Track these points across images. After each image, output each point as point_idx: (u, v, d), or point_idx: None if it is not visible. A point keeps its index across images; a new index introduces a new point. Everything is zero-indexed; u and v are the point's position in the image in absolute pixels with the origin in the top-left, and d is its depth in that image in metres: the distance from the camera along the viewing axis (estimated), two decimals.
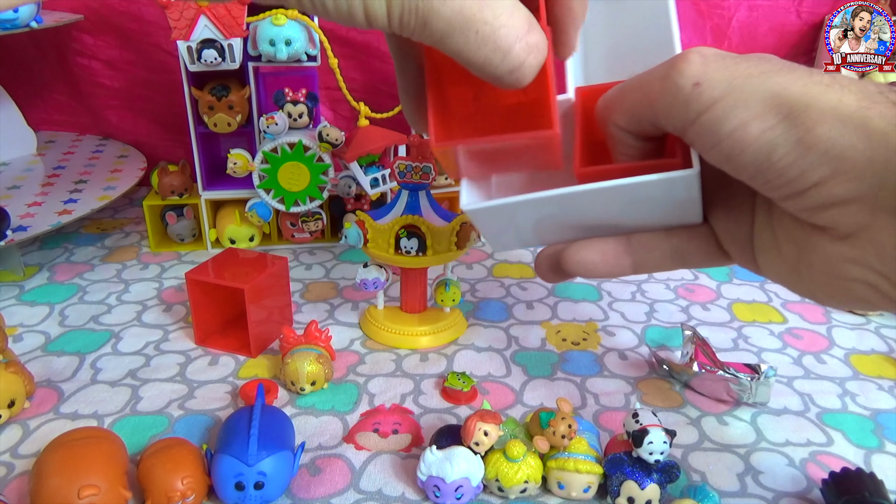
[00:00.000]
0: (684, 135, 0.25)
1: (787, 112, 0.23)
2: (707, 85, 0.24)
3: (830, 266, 0.25)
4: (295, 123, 0.71)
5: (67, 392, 0.53)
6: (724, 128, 0.23)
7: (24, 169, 0.86)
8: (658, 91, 0.25)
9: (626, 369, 0.58)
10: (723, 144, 0.24)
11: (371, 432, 0.50)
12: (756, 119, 0.23)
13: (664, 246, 0.30)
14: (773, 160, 0.23)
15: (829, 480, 0.44)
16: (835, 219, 0.24)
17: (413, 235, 0.57)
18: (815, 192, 0.23)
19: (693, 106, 0.24)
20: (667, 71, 0.25)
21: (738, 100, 0.23)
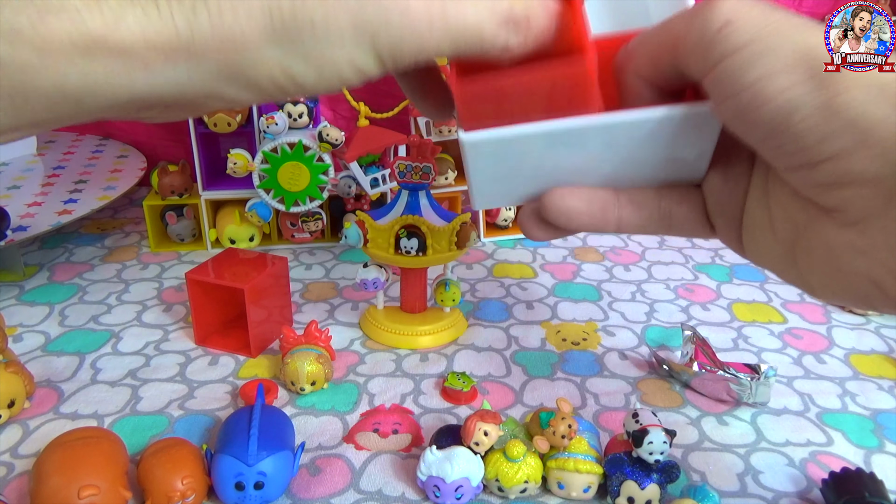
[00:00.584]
0: (704, 80, 0.23)
1: (817, 69, 0.21)
2: (737, 26, 0.21)
3: (832, 254, 0.23)
4: (295, 123, 0.71)
5: (67, 392, 0.53)
6: (746, 76, 0.21)
7: (24, 169, 0.86)
8: (684, 29, 0.23)
9: (626, 369, 0.58)
10: (741, 95, 0.22)
11: (371, 432, 0.50)
12: (783, 72, 0.21)
13: (653, 205, 0.28)
14: (793, 120, 0.21)
15: (829, 480, 0.44)
16: (846, 200, 0.22)
17: (413, 235, 0.57)
18: (831, 165, 0.21)
19: (718, 48, 0.22)
20: (699, 8, 0.22)
21: (766, 47, 0.21)
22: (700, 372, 0.54)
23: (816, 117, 0.21)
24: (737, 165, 0.27)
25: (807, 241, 0.24)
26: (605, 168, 0.27)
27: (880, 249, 0.21)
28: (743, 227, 0.27)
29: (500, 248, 0.81)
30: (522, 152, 0.26)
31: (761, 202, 0.26)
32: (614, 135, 0.25)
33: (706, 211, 0.28)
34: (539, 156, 0.26)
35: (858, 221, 0.22)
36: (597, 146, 0.26)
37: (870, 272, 0.22)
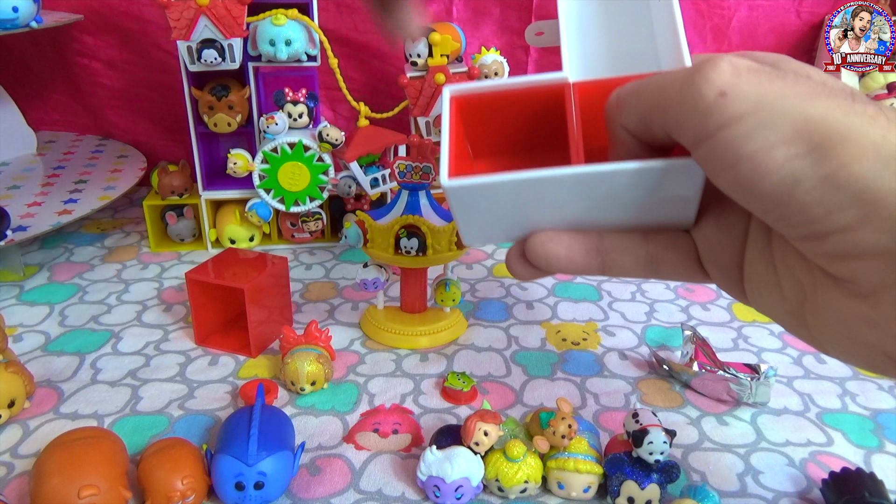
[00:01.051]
0: (696, 149, 0.22)
1: (819, 141, 0.20)
2: (734, 97, 0.21)
3: (843, 324, 0.22)
4: (295, 123, 0.71)
5: (67, 392, 0.53)
6: (745, 148, 0.21)
7: (24, 169, 0.86)
8: (677, 95, 0.22)
9: (626, 369, 0.58)
10: (740, 167, 0.21)
11: (371, 432, 0.50)
12: (783, 144, 0.20)
13: (638, 251, 0.28)
14: (797, 193, 0.20)
15: (829, 480, 0.44)
16: (856, 272, 0.21)
17: (413, 235, 0.57)
18: (840, 237, 0.20)
19: (714, 118, 0.21)
20: (691, 75, 0.22)
21: (766, 119, 0.20)
22: (700, 372, 0.54)
23: (820, 190, 0.20)
24: (731, 213, 0.26)
25: (815, 305, 0.23)
26: (586, 213, 0.27)
27: (893, 323, 0.21)
28: (745, 279, 0.26)
29: (501, 248, 0.81)
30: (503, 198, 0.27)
31: (764, 256, 0.25)
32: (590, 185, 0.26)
33: (699, 258, 0.27)
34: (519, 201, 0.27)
35: (870, 294, 0.21)
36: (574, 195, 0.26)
37: (883, 345, 0.21)
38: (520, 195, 0.26)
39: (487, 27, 0.94)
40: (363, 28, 0.91)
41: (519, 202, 0.27)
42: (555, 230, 0.28)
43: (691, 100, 0.21)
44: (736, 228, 0.26)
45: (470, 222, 0.29)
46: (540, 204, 0.27)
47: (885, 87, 0.72)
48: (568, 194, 0.26)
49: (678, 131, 0.23)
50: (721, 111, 0.21)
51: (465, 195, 0.27)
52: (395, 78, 0.76)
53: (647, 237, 0.28)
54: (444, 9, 0.92)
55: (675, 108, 0.22)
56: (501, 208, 0.27)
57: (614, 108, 0.25)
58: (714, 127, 0.21)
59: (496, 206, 0.27)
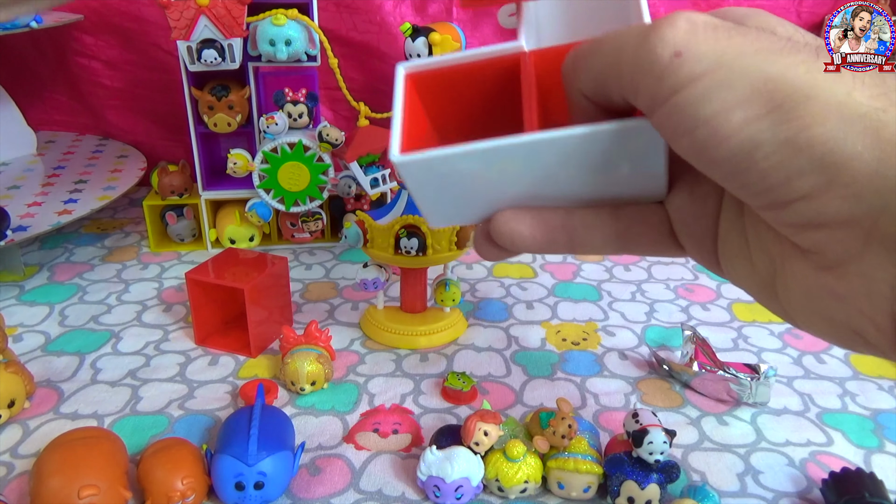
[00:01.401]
0: (653, 114, 0.21)
1: (779, 102, 0.18)
2: (690, 57, 0.19)
3: (810, 298, 0.21)
4: (295, 123, 0.71)
5: (67, 392, 0.53)
6: (701, 111, 0.19)
7: (24, 169, 0.86)
8: (631, 56, 0.20)
9: (626, 369, 0.58)
10: (697, 131, 0.19)
11: (371, 432, 0.50)
12: (741, 105, 0.19)
13: (608, 227, 0.26)
14: (756, 159, 0.19)
15: (829, 480, 0.44)
16: (821, 242, 0.19)
17: (413, 235, 0.57)
18: (803, 205, 0.19)
19: (668, 80, 0.19)
20: (645, 34, 0.20)
21: (723, 79, 0.19)
22: (700, 372, 0.54)
23: (780, 154, 0.18)
24: (705, 183, 0.24)
25: (784, 278, 0.22)
26: (546, 187, 0.26)
27: (858, 296, 0.19)
28: (719, 251, 0.25)
29: None
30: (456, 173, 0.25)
31: (736, 226, 0.24)
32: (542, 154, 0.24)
33: (672, 230, 0.26)
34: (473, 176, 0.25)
35: (835, 266, 0.20)
36: (529, 166, 0.25)
37: (849, 320, 0.20)
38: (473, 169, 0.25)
39: (487, 27, 0.94)
40: (363, 28, 0.91)
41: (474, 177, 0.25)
42: (517, 208, 0.26)
43: (646, 61, 0.20)
44: (711, 198, 0.24)
45: (429, 202, 0.27)
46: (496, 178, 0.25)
47: None
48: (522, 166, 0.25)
49: (634, 95, 0.21)
50: (676, 72, 0.19)
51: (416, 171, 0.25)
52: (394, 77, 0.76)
53: (616, 212, 0.26)
54: (444, 9, 0.92)
55: (630, 71, 0.21)
56: (457, 185, 0.26)
57: (570, 71, 0.24)
58: (669, 90, 0.20)
59: (451, 183, 0.26)
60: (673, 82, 0.19)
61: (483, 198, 0.27)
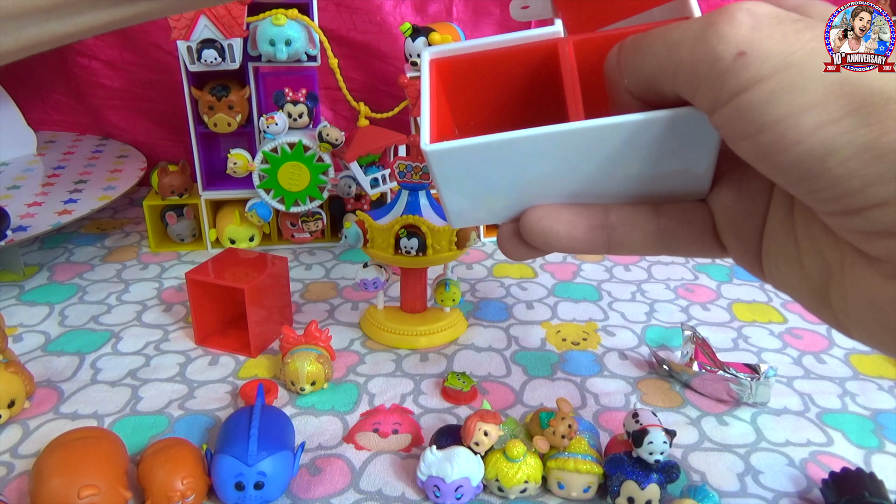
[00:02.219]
0: (713, 116, 0.20)
1: (858, 104, 0.17)
2: (755, 56, 0.18)
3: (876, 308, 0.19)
4: (295, 123, 0.71)
5: (67, 392, 0.53)
6: (768, 114, 0.18)
7: (24, 169, 0.86)
8: (688, 56, 0.19)
9: (626, 369, 0.58)
10: (763, 135, 0.18)
11: (371, 432, 0.50)
12: (815, 108, 0.17)
13: (648, 225, 0.24)
14: (829, 164, 0.18)
15: (829, 480, 0.44)
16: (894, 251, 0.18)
17: (413, 235, 0.57)
18: (878, 212, 0.18)
19: (731, 81, 0.18)
20: (703, 31, 0.19)
21: (793, 80, 0.18)
22: (700, 372, 0.54)
23: (857, 161, 0.17)
24: (755, 179, 0.23)
25: (843, 285, 0.20)
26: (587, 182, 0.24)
27: None
28: (763, 253, 0.23)
29: None
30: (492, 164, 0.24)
31: (786, 226, 0.22)
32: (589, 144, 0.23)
33: (715, 230, 0.25)
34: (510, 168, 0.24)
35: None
36: (573, 156, 0.23)
37: None
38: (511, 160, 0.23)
39: (487, 27, 0.94)
40: (363, 28, 0.91)
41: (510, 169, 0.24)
42: (552, 205, 0.25)
43: (705, 61, 0.19)
44: (760, 197, 0.23)
45: (456, 197, 0.25)
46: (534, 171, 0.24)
47: None
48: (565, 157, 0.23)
49: (692, 96, 0.20)
50: (740, 73, 0.18)
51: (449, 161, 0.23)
52: (395, 78, 0.76)
53: (658, 210, 0.25)
54: (444, 9, 0.92)
55: (687, 72, 0.20)
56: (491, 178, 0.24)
57: (614, 69, 0.22)
58: (732, 91, 0.18)
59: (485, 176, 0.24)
60: (736, 84, 0.18)
61: (516, 193, 0.25)
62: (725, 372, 0.53)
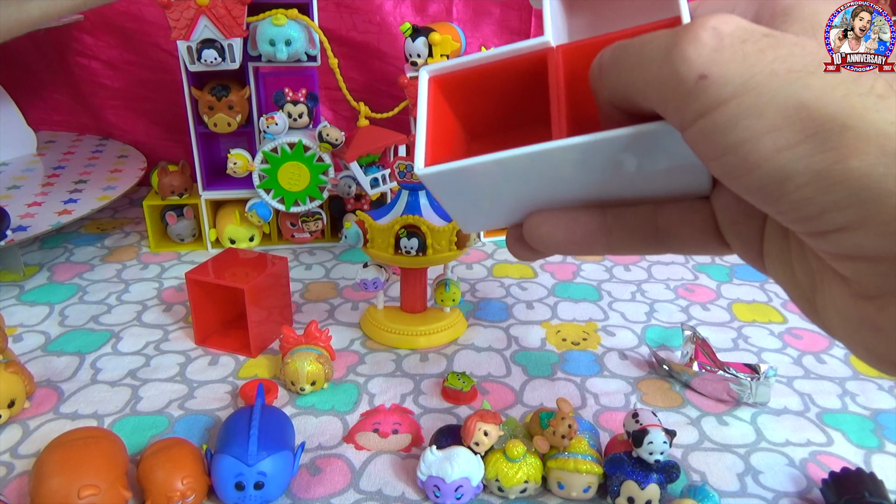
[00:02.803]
0: (683, 133, 0.20)
1: (814, 130, 0.17)
2: (715, 79, 0.18)
3: (847, 323, 0.20)
4: (295, 123, 0.71)
5: (67, 392, 0.53)
6: (728, 138, 0.18)
7: (24, 169, 0.86)
8: (655, 75, 0.19)
9: (626, 369, 0.58)
10: (725, 158, 0.18)
11: (371, 432, 0.50)
12: (771, 133, 0.17)
13: (647, 226, 0.24)
14: (787, 190, 0.18)
15: (829, 480, 0.44)
16: (860, 273, 0.18)
17: (413, 235, 0.57)
18: (839, 237, 0.18)
19: (693, 104, 0.18)
20: (668, 51, 0.19)
21: (751, 105, 0.18)
22: (700, 372, 0.54)
23: (813, 186, 0.17)
24: None
25: (822, 296, 0.21)
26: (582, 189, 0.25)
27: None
28: (765, 252, 0.23)
29: (500, 248, 0.81)
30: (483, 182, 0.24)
31: (780, 232, 0.22)
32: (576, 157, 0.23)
33: (717, 228, 0.24)
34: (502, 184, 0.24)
35: (875, 296, 0.18)
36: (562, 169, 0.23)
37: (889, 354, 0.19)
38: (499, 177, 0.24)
39: (487, 27, 0.94)
40: (363, 28, 0.91)
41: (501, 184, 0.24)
42: (550, 211, 0.25)
43: (670, 83, 0.19)
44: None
45: (460, 210, 0.27)
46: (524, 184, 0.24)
47: None
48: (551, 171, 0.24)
49: (663, 112, 0.20)
50: (701, 97, 0.18)
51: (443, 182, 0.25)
52: (395, 78, 0.76)
53: (657, 209, 0.25)
54: (444, 9, 0.92)
55: (654, 91, 0.20)
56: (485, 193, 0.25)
57: (597, 80, 0.22)
58: (695, 113, 0.18)
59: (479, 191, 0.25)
60: (698, 107, 0.18)
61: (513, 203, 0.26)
62: (725, 372, 0.53)
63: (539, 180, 0.24)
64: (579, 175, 0.24)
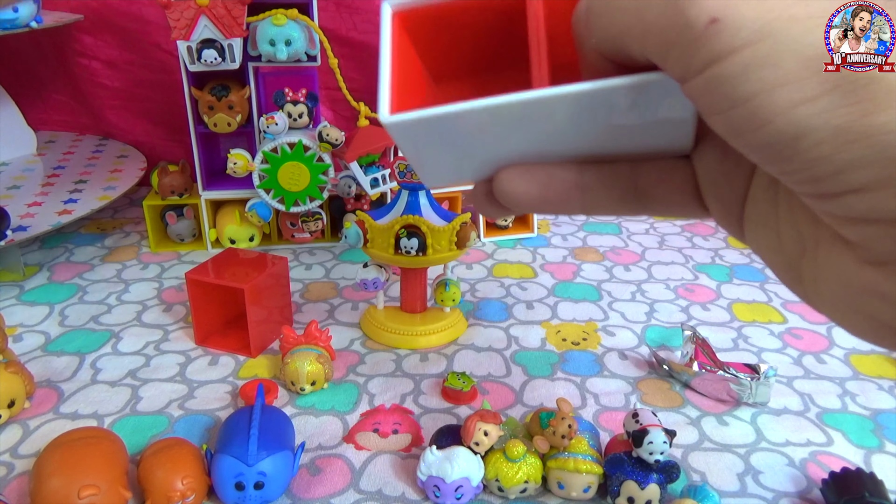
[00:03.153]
0: (683, 85, 0.18)
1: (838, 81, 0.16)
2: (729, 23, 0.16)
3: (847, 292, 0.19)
4: (295, 123, 0.71)
5: (67, 392, 0.53)
6: (739, 89, 0.16)
7: (24, 169, 0.86)
8: (657, 18, 0.18)
9: (626, 369, 0.58)
10: (734, 112, 0.17)
11: (371, 432, 0.50)
12: (789, 84, 0.16)
13: (626, 184, 0.23)
14: (801, 147, 0.16)
15: (829, 480, 0.44)
16: (871, 238, 0.17)
17: (413, 235, 0.57)
18: (854, 198, 0.17)
19: (702, 51, 0.17)
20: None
21: (768, 52, 0.16)
22: (700, 372, 0.54)
23: (831, 144, 0.16)
24: None
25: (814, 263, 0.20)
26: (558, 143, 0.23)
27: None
28: (745, 217, 0.22)
29: (500, 248, 0.81)
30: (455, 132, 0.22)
31: (768, 193, 0.21)
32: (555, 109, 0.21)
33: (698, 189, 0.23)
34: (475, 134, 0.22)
35: (886, 262, 0.17)
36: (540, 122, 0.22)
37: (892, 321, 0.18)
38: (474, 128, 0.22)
39: None
40: (363, 28, 0.91)
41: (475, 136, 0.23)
42: (524, 166, 0.23)
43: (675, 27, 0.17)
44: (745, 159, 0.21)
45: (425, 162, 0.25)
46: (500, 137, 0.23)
47: None
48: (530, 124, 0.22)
49: (662, 61, 0.18)
50: (711, 42, 0.17)
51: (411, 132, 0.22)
52: None
53: (636, 167, 0.23)
54: None
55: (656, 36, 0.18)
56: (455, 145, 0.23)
57: (582, 27, 0.21)
58: (702, 62, 0.17)
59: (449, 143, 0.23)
60: (707, 54, 0.17)
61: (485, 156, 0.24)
62: (725, 372, 0.53)
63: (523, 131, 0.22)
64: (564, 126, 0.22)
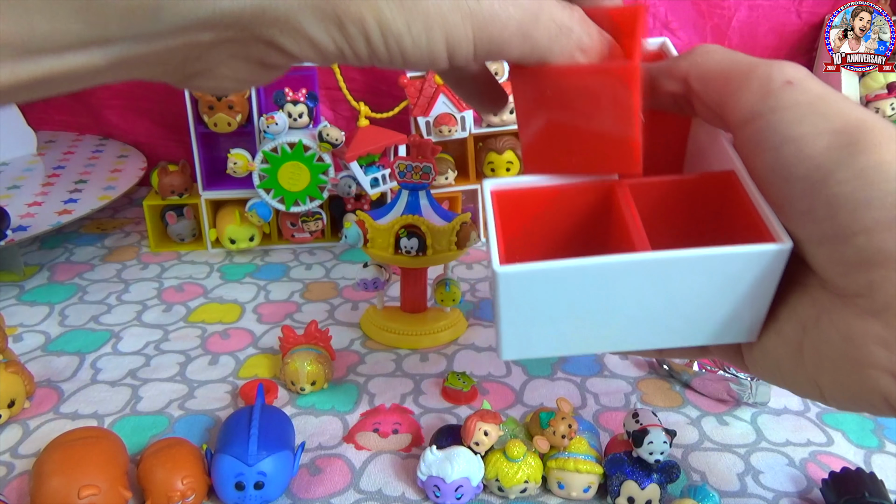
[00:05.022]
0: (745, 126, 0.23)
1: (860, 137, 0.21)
2: (799, 87, 0.22)
3: (850, 345, 0.21)
4: (295, 123, 0.71)
5: (67, 392, 0.53)
6: (793, 129, 0.22)
7: (24, 169, 0.86)
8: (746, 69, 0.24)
9: (626, 369, 0.58)
10: (784, 147, 0.22)
11: (371, 432, 0.50)
12: (831, 133, 0.21)
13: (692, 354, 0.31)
14: (830, 182, 0.21)
15: (829, 480, 0.44)
16: (873, 284, 0.20)
17: (413, 235, 0.57)
18: (862, 239, 0.20)
19: (772, 99, 0.23)
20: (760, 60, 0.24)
21: (821, 109, 0.22)
22: (700, 372, 0.54)
23: (853, 183, 0.20)
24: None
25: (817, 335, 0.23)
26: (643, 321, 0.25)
27: None
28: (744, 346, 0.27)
29: None
30: (564, 292, 0.23)
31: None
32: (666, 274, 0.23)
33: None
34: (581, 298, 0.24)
35: (884, 310, 0.20)
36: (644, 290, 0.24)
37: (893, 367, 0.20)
38: (581, 288, 0.23)
39: None
40: None
41: (581, 299, 0.23)
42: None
43: (759, 78, 0.23)
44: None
45: (515, 323, 0.25)
46: (600, 303, 0.24)
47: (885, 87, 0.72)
48: (638, 290, 0.24)
49: (733, 102, 0.24)
50: (781, 95, 0.22)
51: (521, 285, 0.23)
52: (395, 78, 0.76)
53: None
54: None
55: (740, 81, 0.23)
56: (559, 306, 0.24)
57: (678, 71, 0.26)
58: (770, 107, 0.22)
59: (554, 304, 0.23)
60: (775, 102, 0.22)
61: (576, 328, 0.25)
62: (725, 372, 0.53)
63: (624, 299, 0.24)
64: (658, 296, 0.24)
